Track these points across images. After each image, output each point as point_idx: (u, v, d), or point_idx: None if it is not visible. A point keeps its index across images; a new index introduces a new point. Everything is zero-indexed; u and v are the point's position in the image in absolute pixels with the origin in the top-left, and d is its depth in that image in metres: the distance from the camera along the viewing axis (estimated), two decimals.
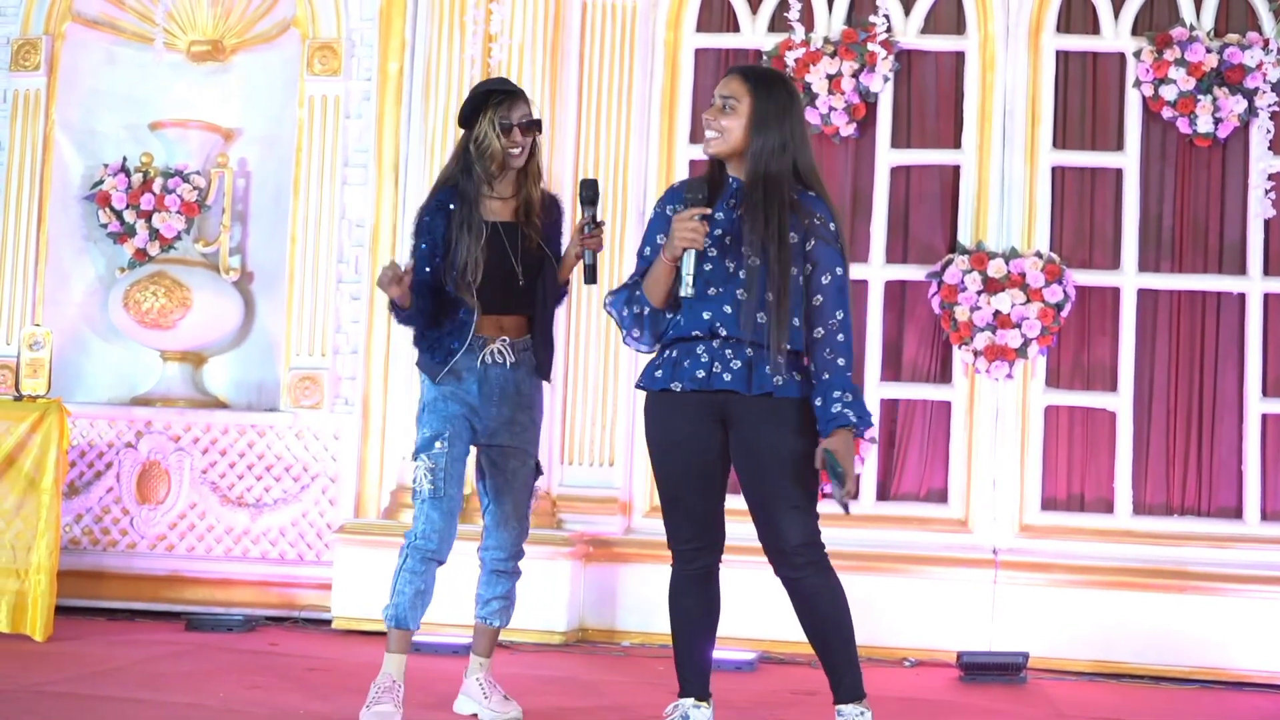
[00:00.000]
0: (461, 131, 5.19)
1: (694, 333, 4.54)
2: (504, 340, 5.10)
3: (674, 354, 4.59)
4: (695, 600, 4.69)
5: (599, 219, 5.03)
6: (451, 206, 5.08)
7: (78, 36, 8.44)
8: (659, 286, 4.60)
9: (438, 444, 5.05)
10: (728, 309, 4.50)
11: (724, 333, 4.50)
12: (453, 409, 5.07)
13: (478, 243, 5.03)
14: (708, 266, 4.51)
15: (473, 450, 5.18)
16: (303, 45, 8.20)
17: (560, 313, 5.47)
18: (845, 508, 4.46)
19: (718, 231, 4.53)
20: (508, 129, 5.08)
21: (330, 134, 8.14)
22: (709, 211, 4.51)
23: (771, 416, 4.49)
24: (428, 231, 5.10)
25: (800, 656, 7.02)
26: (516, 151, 5.10)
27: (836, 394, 4.44)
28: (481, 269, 5.03)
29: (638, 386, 4.73)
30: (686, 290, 4.47)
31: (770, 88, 4.60)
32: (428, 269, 5.06)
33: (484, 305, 5.06)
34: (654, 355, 4.70)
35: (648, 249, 4.68)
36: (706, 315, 4.52)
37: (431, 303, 5.06)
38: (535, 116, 5.17)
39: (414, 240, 5.14)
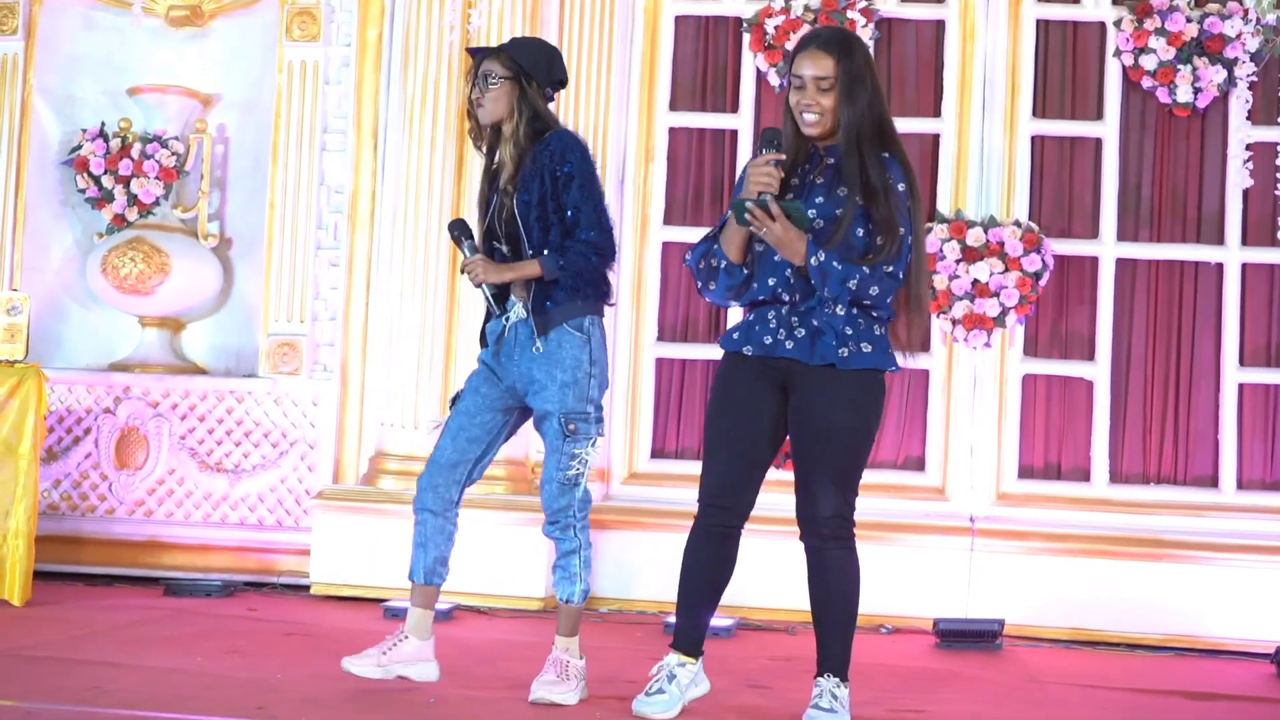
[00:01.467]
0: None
1: (763, 297, 4.65)
2: (523, 298, 5.01)
3: (751, 317, 4.71)
4: (707, 556, 4.75)
5: (468, 252, 5.00)
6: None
7: (56, 1, 8.39)
8: (734, 239, 4.67)
9: (454, 403, 5.14)
10: (788, 273, 4.55)
11: (787, 298, 4.60)
12: (477, 371, 5.13)
13: (484, 217, 5.10)
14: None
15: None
16: (282, 11, 8.16)
17: None
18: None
19: (789, 196, 4.58)
20: (471, 84, 5.08)
21: (309, 100, 8.11)
22: (783, 157, 4.57)
23: (831, 387, 4.56)
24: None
25: (777, 623, 7.06)
26: (481, 108, 5.03)
27: (836, 255, 4.49)
28: (481, 238, 5.10)
29: (719, 344, 4.84)
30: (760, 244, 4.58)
31: (852, 52, 4.66)
32: None
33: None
34: (739, 319, 4.81)
35: (730, 212, 4.73)
36: (772, 281, 4.63)
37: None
38: (496, 73, 5.01)
39: None
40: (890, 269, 4.54)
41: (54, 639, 5.85)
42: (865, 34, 7.80)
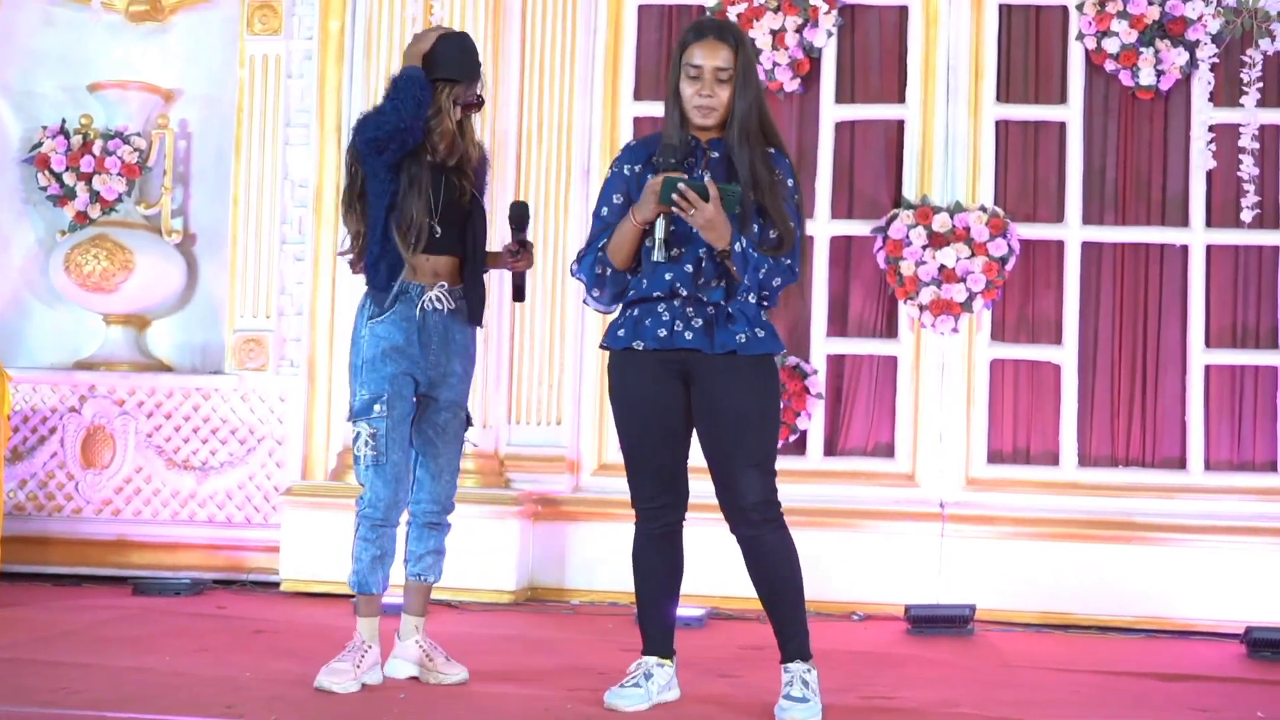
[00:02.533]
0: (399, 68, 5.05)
1: (655, 293, 4.60)
2: (442, 286, 5.00)
3: (635, 313, 4.66)
4: (659, 559, 4.76)
5: (527, 241, 5.01)
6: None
7: None
8: (624, 249, 4.63)
9: (377, 407, 4.95)
10: (688, 268, 4.55)
11: (683, 293, 4.57)
12: (390, 369, 4.96)
13: (426, 203, 4.94)
14: (671, 228, 4.53)
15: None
16: (242, 4, 8.12)
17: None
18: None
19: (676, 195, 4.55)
20: (465, 106, 5.06)
21: (272, 94, 8.08)
22: (685, 176, 4.51)
23: (734, 374, 4.56)
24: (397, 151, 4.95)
25: (749, 612, 7.04)
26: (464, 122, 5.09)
27: (751, 246, 4.49)
28: (425, 226, 4.95)
29: (601, 346, 4.78)
30: (660, 254, 4.50)
31: (744, 42, 4.67)
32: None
33: (415, 248, 4.96)
34: (616, 315, 4.76)
35: (604, 209, 4.73)
36: (668, 276, 4.59)
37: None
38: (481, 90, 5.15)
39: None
40: (789, 262, 4.58)
41: (21, 640, 5.81)
42: (829, 21, 7.80)
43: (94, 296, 8.05)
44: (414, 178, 4.97)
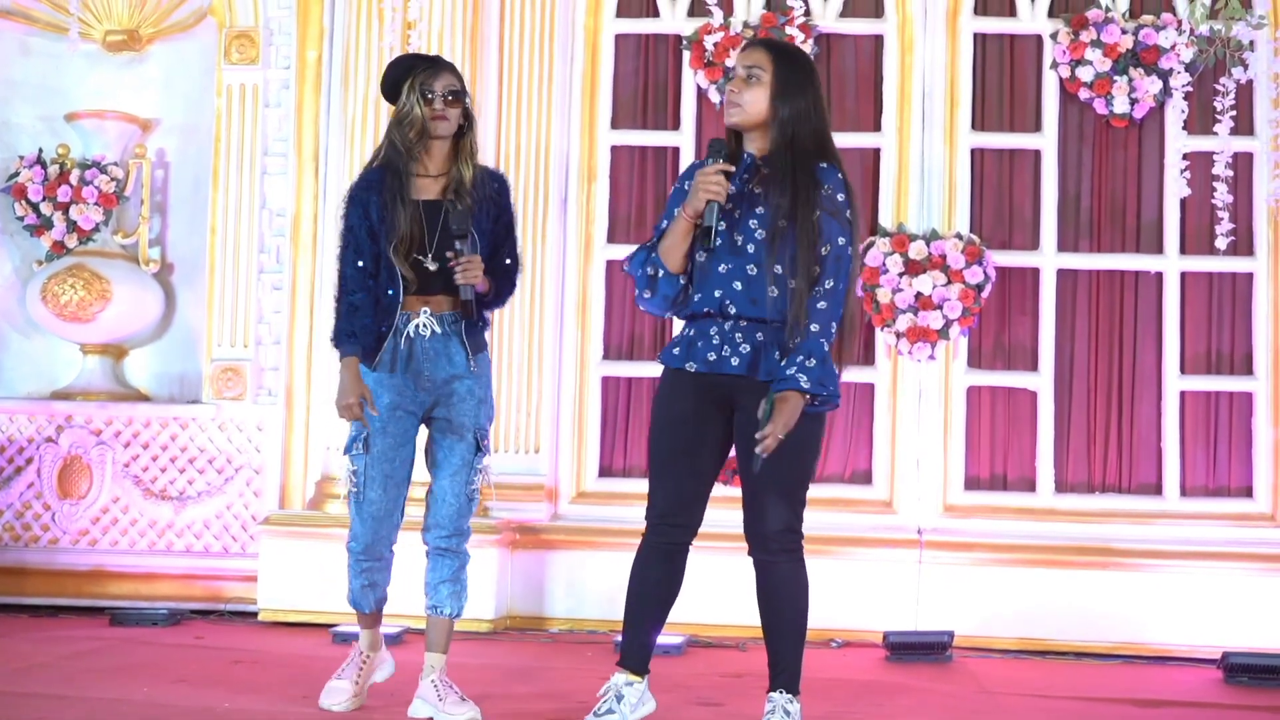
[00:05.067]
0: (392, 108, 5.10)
1: (706, 310, 4.63)
2: (427, 312, 4.97)
3: (691, 332, 4.69)
4: (655, 573, 4.76)
5: (460, 251, 4.91)
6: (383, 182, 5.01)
7: None
8: (676, 249, 4.66)
9: (356, 446, 5.00)
10: (737, 285, 4.59)
11: (733, 311, 4.60)
12: (377, 405, 4.97)
13: (412, 217, 4.95)
14: (718, 241, 4.56)
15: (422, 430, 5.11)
16: (220, 34, 8.13)
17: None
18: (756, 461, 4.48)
19: (728, 205, 4.59)
20: (430, 98, 4.98)
21: (249, 123, 8.08)
22: (732, 169, 4.58)
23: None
24: (360, 206, 5.01)
25: (728, 640, 7.05)
26: (444, 122, 4.98)
27: (800, 358, 4.48)
28: (407, 244, 4.96)
29: (659, 359, 4.82)
30: (715, 242, 4.53)
31: (793, 57, 4.71)
32: (359, 262, 5.01)
33: (405, 285, 4.98)
34: (678, 332, 4.78)
35: (664, 221, 4.75)
36: (717, 293, 4.62)
37: (370, 303, 5.00)
38: (461, 89, 5.04)
39: (343, 221, 5.08)
40: (830, 284, 4.56)
41: None
42: (804, 49, 7.82)
43: (71, 326, 8.04)
44: (397, 195, 4.98)
